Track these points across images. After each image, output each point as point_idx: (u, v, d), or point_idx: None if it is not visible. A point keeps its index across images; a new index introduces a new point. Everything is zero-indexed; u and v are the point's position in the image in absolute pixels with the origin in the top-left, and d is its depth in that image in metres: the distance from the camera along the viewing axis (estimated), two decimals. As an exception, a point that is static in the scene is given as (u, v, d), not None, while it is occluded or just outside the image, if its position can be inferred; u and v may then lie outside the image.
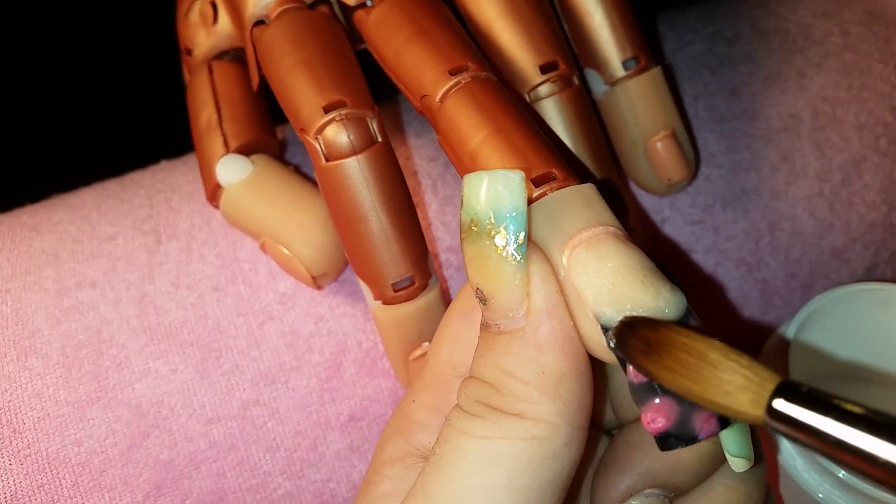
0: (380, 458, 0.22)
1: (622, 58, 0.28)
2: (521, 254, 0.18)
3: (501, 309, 0.18)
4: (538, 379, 0.18)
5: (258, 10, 0.26)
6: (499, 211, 0.18)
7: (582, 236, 0.18)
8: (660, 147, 0.28)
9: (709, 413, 0.17)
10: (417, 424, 0.21)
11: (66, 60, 0.54)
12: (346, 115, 0.23)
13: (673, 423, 0.17)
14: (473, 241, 0.18)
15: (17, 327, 0.27)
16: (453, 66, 0.23)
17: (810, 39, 0.33)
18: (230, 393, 0.27)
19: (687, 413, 0.17)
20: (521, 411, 0.18)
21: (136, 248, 0.29)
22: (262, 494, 0.28)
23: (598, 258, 0.18)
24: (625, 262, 0.18)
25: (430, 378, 0.22)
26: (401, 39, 0.24)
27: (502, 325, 0.18)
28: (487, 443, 0.18)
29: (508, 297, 0.18)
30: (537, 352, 0.18)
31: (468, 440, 0.18)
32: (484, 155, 0.21)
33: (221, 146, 0.27)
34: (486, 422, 0.18)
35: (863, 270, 0.32)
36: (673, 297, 0.17)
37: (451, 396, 0.21)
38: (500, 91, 0.22)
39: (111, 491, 0.26)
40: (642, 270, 0.18)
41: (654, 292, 0.17)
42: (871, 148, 0.31)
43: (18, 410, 0.26)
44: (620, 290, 0.17)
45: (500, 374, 0.18)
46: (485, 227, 0.18)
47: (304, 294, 0.28)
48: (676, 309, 0.17)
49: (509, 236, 0.18)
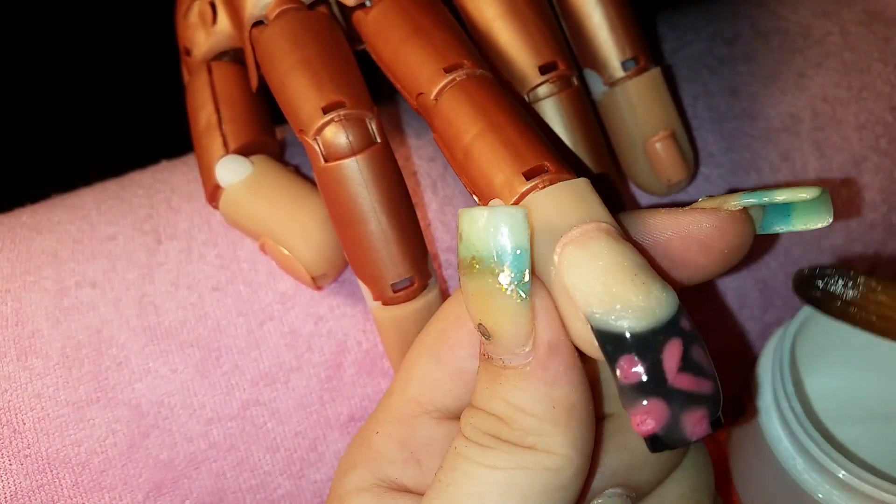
0: (343, 486, 0.21)
1: (621, 58, 0.28)
2: (526, 291, 0.18)
3: (507, 345, 0.18)
4: (549, 413, 0.18)
5: (257, 11, 0.26)
6: (502, 250, 0.17)
7: (573, 233, 0.18)
8: (659, 148, 0.28)
9: (700, 414, 0.17)
10: (384, 458, 0.21)
11: (66, 60, 0.54)
12: (344, 116, 0.23)
13: (663, 425, 0.17)
14: (475, 278, 0.18)
15: (17, 327, 0.27)
16: (449, 64, 0.23)
17: (810, 39, 0.33)
18: (230, 393, 0.27)
19: (677, 415, 0.17)
20: (534, 444, 0.18)
21: (136, 247, 0.29)
22: (261, 494, 0.28)
23: (589, 256, 0.17)
24: (615, 260, 0.17)
25: (396, 412, 0.22)
26: (398, 38, 0.24)
27: (507, 360, 0.18)
28: (501, 473, 0.18)
29: (514, 333, 0.18)
30: (547, 387, 0.18)
31: (480, 470, 0.18)
32: (477, 150, 0.21)
33: (221, 147, 0.27)
34: (498, 453, 0.18)
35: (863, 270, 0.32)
36: (664, 297, 0.17)
37: (418, 433, 0.21)
38: (496, 88, 0.22)
39: (111, 491, 0.26)
40: (633, 269, 0.17)
41: (645, 292, 0.17)
42: (871, 148, 0.31)
43: (18, 410, 0.26)
44: (610, 290, 0.17)
45: (509, 409, 0.18)
46: (488, 266, 0.17)
47: (304, 294, 0.28)
48: (668, 308, 0.17)
49: (514, 275, 0.17)
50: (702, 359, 0.17)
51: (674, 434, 0.17)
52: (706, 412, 0.17)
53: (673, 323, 0.17)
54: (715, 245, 0.19)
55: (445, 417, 0.21)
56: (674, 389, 0.17)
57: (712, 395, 0.17)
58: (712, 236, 0.19)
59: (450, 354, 0.21)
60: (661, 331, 0.17)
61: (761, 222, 0.20)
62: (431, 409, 0.21)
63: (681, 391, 0.17)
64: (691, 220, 0.19)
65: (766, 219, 0.20)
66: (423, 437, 0.21)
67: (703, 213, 0.19)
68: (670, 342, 0.17)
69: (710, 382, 0.17)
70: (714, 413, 0.17)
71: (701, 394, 0.17)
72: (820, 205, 0.20)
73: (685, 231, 0.19)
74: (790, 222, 0.20)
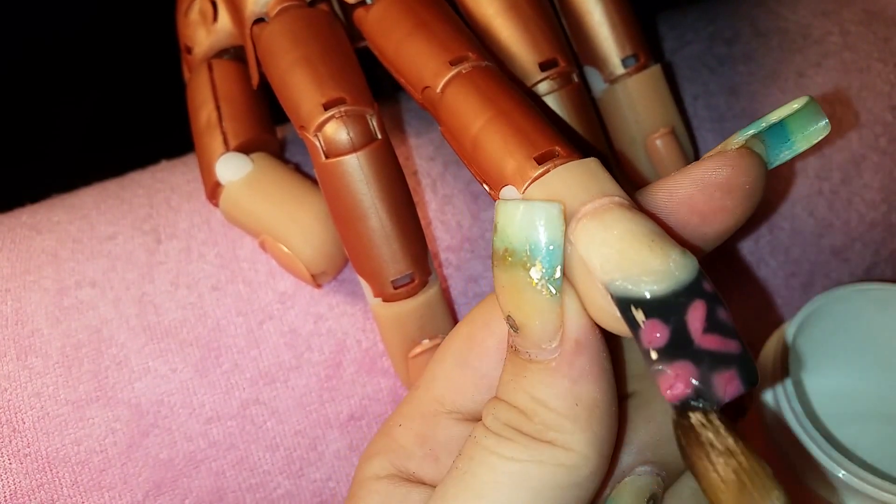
0: (364, 472, 0.22)
1: (621, 55, 0.28)
2: (557, 287, 0.18)
3: (534, 339, 0.18)
4: (572, 410, 0.18)
5: (258, 8, 0.26)
6: (536, 244, 0.17)
7: (587, 208, 0.18)
8: (659, 145, 0.28)
9: (731, 373, 0.16)
10: (403, 451, 0.21)
11: (66, 60, 0.54)
12: (345, 113, 0.23)
13: (693, 388, 0.16)
14: (507, 270, 0.18)
15: (17, 326, 0.27)
16: (454, 57, 0.22)
17: (810, 39, 0.33)
18: (230, 392, 0.27)
19: (706, 376, 0.16)
20: (553, 439, 0.18)
21: (135, 247, 0.29)
22: (261, 494, 0.28)
23: (604, 227, 0.17)
24: (630, 228, 0.17)
25: (420, 408, 0.22)
26: (401, 33, 0.24)
27: (534, 354, 0.18)
28: (516, 465, 0.18)
29: (542, 328, 0.18)
30: (571, 384, 0.18)
31: (497, 460, 0.18)
32: (486, 138, 0.20)
33: (221, 144, 0.27)
34: (517, 445, 0.18)
35: (863, 270, 0.32)
36: (683, 260, 0.17)
37: (437, 431, 0.21)
38: (502, 78, 0.22)
39: (111, 490, 0.26)
40: (650, 235, 0.17)
41: (663, 256, 0.17)
42: (871, 147, 0.31)
43: (18, 409, 0.26)
44: (627, 256, 0.17)
45: (532, 403, 0.18)
46: (520, 259, 0.18)
47: (304, 293, 0.28)
48: (688, 272, 0.17)
49: (545, 270, 0.17)
50: (726, 319, 0.17)
51: (705, 396, 0.16)
52: (736, 371, 0.16)
53: (695, 285, 0.17)
54: (735, 183, 0.19)
55: (465, 419, 0.22)
56: (701, 350, 0.16)
57: (741, 355, 0.17)
58: (729, 175, 0.19)
59: (476, 362, 0.21)
60: (683, 293, 0.17)
61: (767, 157, 0.20)
62: (453, 410, 0.21)
63: (708, 351, 0.16)
64: (705, 169, 0.19)
65: (770, 151, 0.20)
66: (442, 436, 0.21)
67: (713, 159, 0.19)
68: (693, 304, 0.17)
69: (737, 342, 0.17)
70: (745, 372, 0.17)
71: (729, 353, 0.17)
72: (812, 114, 0.20)
73: (703, 181, 0.19)
74: (792, 144, 0.20)
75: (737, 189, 0.19)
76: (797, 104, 0.20)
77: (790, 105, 0.20)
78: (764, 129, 0.20)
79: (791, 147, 0.20)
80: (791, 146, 0.20)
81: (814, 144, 0.20)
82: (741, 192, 0.19)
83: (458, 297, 0.29)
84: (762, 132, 0.20)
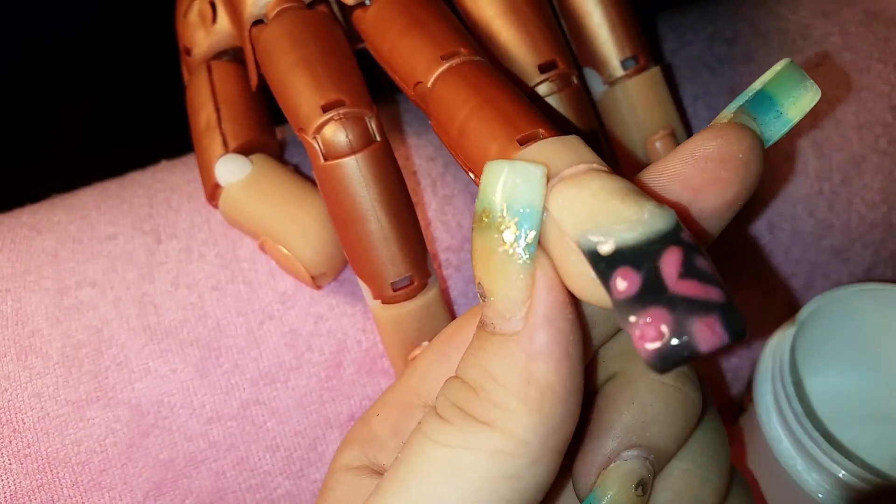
0: (338, 461, 0.21)
1: (621, 57, 0.28)
2: (530, 253, 0.17)
3: (499, 308, 0.17)
4: (522, 388, 0.17)
5: (257, 10, 0.26)
6: (512, 204, 0.17)
7: (563, 173, 0.17)
8: (659, 146, 0.28)
9: (711, 319, 0.15)
10: (377, 441, 0.21)
11: (66, 60, 0.54)
12: (344, 115, 0.23)
13: (668, 335, 0.15)
14: (482, 232, 0.17)
15: (17, 327, 0.27)
16: (446, 52, 0.22)
17: (810, 39, 0.33)
18: (230, 392, 0.27)
19: (682, 322, 0.15)
20: (493, 420, 0.17)
21: (135, 247, 0.29)
22: (261, 494, 0.28)
23: (578, 186, 0.17)
24: (604, 185, 0.16)
25: (397, 398, 0.21)
26: (395, 32, 0.24)
27: (498, 325, 0.17)
28: (448, 451, 0.17)
29: (508, 296, 0.17)
30: (528, 359, 0.17)
31: (430, 447, 0.17)
32: (471, 125, 0.20)
33: (220, 146, 0.27)
34: (453, 429, 0.17)
35: (863, 270, 0.32)
36: (659, 210, 0.16)
37: (411, 422, 0.20)
38: (491, 69, 0.22)
39: (111, 490, 0.26)
40: (623, 190, 0.16)
41: (637, 206, 0.16)
42: (871, 147, 0.31)
43: (18, 410, 0.26)
44: (600, 209, 0.16)
45: (483, 377, 0.17)
46: (495, 220, 0.17)
47: (304, 294, 0.28)
48: (663, 221, 0.16)
49: (519, 232, 0.17)
50: (706, 267, 0.16)
51: (681, 345, 0.15)
52: (718, 318, 0.15)
53: (670, 233, 0.16)
54: (727, 152, 0.18)
55: None
56: (676, 296, 0.15)
57: (724, 302, 0.15)
58: (722, 146, 0.18)
59: (455, 353, 0.20)
60: (657, 240, 0.16)
61: (762, 133, 0.19)
62: (428, 402, 0.21)
63: (684, 297, 0.15)
64: (694, 144, 0.18)
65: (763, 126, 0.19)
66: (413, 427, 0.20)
67: (701, 134, 0.18)
68: (668, 250, 0.15)
69: (719, 289, 0.15)
70: (729, 320, 0.15)
71: (709, 300, 0.15)
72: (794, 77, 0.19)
73: (693, 155, 0.18)
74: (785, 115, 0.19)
75: (731, 159, 0.18)
76: (777, 67, 0.19)
77: (770, 70, 0.19)
78: (749, 98, 0.19)
79: (782, 118, 0.19)
80: (781, 116, 0.19)
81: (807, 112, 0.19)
82: (736, 163, 0.18)
83: (458, 297, 0.29)
84: (748, 104, 0.19)
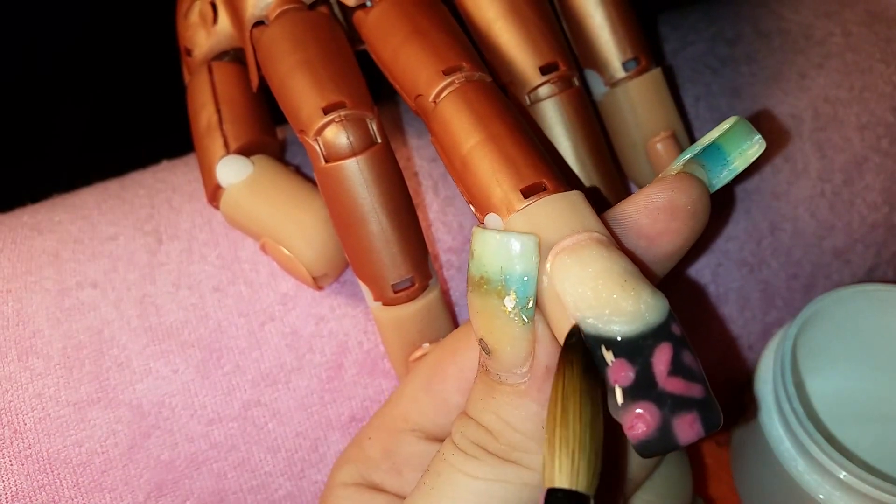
0: (335, 478, 0.23)
1: (622, 59, 0.28)
2: (529, 316, 0.18)
3: (505, 364, 0.19)
4: (538, 433, 0.19)
5: (258, 11, 0.26)
6: (510, 275, 0.18)
7: (565, 243, 0.18)
8: (660, 148, 0.28)
9: (692, 417, 0.17)
10: (371, 462, 0.23)
11: (66, 60, 0.54)
12: (345, 116, 0.23)
13: (654, 429, 0.17)
14: (482, 297, 0.18)
15: (18, 327, 0.27)
16: (447, 66, 0.23)
17: (812, 40, 0.33)
18: (231, 393, 0.27)
19: (668, 419, 0.17)
20: (518, 459, 0.19)
21: (137, 248, 0.29)
22: (263, 495, 0.28)
23: (580, 263, 0.18)
24: (606, 266, 0.18)
25: (387, 423, 0.23)
26: (398, 39, 0.24)
27: (504, 377, 0.19)
28: (481, 483, 0.19)
29: (513, 354, 0.18)
30: (539, 408, 0.19)
31: (462, 478, 0.19)
32: (475, 161, 0.21)
33: (221, 147, 0.27)
34: (482, 463, 0.19)
35: (864, 271, 0.32)
36: (654, 302, 0.17)
37: (401, 447, 0.23)
38: (495, 95, 0.22)
39: (112, 491, 0.26)
40: (623, 275, 0.18)
41: (635, 297, 0.17)
42: (873, 148, 0.31)
43: (19, 411, 0.26)
44: (600, 296, 0.17)
45: (500, 423, 0.19)
46: (495, 288, 0.18)
47: (305, 295, 0.28)
48: (658, 314, 0.17)
49: (519, 300, 0.18)
50: (692, 363, 0.17)
51: (664, 438, 0.17)
52: (697, 415, 0.17)
53: (663, 328, 0.17)
54: (677, 204, 0.19)
55: (427, 438, 0.23)
56: (664, 393, 0.17)
57: (703, 399, 0.17)
58: (671, 198, 0.19)
59: (438, 386, 0.22)
60: (651, 335, 0.17)
61: (709, 179, 0.20)
62: (416, 428, 0.23)
63: (671, 395, 0.17)
64: (647, 195, 0.20)
65: (710, 173, 0.21)
66: (405, 451, 0.23)
67: (653, 185, 0.20)
68: (660, 346, 0.17)
69: (700, 386, 0.17)
70: (706, 415, 0.17)
71: (692, 397, 0.17)
72: (743, 132, 0.21)
73: (646, 206, 0.20)
74: (730, 164, 0.21)
75: (681, 210, 0.19)
76: (727, 124, 0.21)
77: (721, 126, 0.21)
78: (699, 152, 0.20)
79: (729, 167, 0.21)
80: (729, 166, 0.21)
81: (752, 162, 0.21)
82: (685, 213, 0.19)
83: (460, 298, 0.29)
84: (699, 155, 0.20)
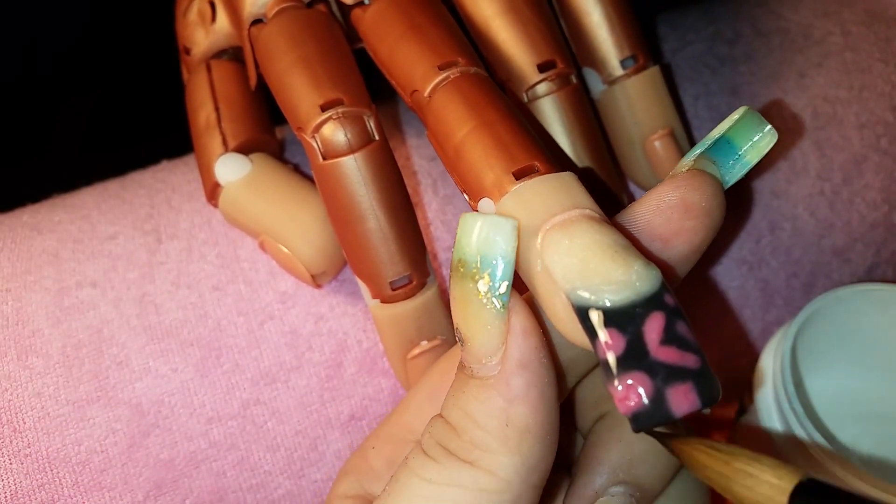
0: (336, 490, 0.23)
1: (620, 57, 0.28)
2: (503, 302, 0.18)
3: (476, 354, 0.18)
4: (501, 430, 0.18)
5: (256, 9, 0.26)
6: (486, 256, 0.18)
7: (556, 219, 0.18)
8: (658, 146, 0.28)
9: (686, 387, 0.16)
10: (373, 473, 0.22)
11: (66, 60, 0.54)
12: (343, 114, 0.23)
13: (646, 400, 0.16)
14: (458, 281, 0.18)
15: (18, 326, 0.27)
16: (443, 62, 0.23)
17: (811, 39, 0.33)
18: (230, 392, 0.27)
19: (660, 388, 0.16)
20: (475, 460, 0.18)
21: (136, 247, 0.29)
22: (262, 494, 0.28)
23: (569, 237, 0.17)
24: (595, 238, 0.17)
25: (392, 433, 0.22)
26: (394, 36, 0.24)
27: (475, 369, 0.18)
28: (433, 488, 0.18)
29: (484, 342, 0.18)
30: (506, 403, 0.18)
31: (416, 482, 0.18)
32: (468, 148, 0.21)
33: (220, 145, 0.27)
34: (438, 466, 0.18)
35: (864, 270, 0.32)
36: (646, 272, 0.17)
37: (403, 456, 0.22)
38: (489, 86, 0.22)
39: (111, 490, 0.26)
40: (614, 246, 0.17)
41: (625, 266, 0.17)
42: (872, 147, 0.31)
43: (19, 410, 0.26)
44: (589, 266, 0.17)
45: (464, 419, 0.18)
46: (470, 270, 0.18)
47: (305, 293, 0.28)
48: (649, 284, 0.17)
49: (493, 283, 0.18)
50: (686, 333, 0.17)
51: (657, 409, 0.16)
52: (693, 385, 0.16)
53: (655, 297, 0.17)
54: (690, 202, 0.19)
55: None
56: (656, 362, 0.16)
57: (699, 369, 0.16)
58: (684, 197, 0.19)
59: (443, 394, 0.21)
60: (642, 304, 0.17)
61: (721, 175, 0.20)
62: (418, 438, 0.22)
63: (664, 364, 0.16)
64: (660, 194, 0.19)
65: (722, 168, 0.20)
66: None
67: (665, 184, 0.19)
68: (652, 315, 0.17)
69: (696, 356, 0.17)
70: (702, 386, 0.16)
71: (686, 367, 0.16)
72: (753, 123, 0.20)
73: (658, 206, 0.19)
74: (742, 157, 0.20)
75: (696, 209, 0.19)
76: (736, 115, 0.20)
77: (729, 118, 0.20)
78: (709, 146, 0.20)
79: (741, 160, 0.20)
80: (741, 160, 0.20)
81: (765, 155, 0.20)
82: (700, 211, 0.19)
83: (458, 297, 0.29)
84: (708, 150, 0.20)
